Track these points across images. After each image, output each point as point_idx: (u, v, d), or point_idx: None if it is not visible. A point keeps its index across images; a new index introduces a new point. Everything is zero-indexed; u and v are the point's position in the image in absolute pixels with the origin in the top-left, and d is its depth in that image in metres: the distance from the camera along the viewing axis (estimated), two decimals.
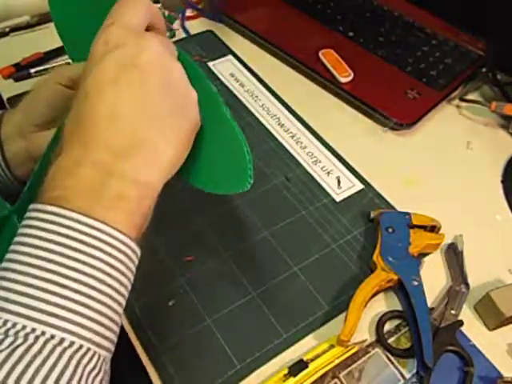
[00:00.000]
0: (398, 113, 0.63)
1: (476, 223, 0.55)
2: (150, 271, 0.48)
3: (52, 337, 0.26)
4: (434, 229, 0.52)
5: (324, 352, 0.43)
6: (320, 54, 0.70)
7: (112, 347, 0.29)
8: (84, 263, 0.28)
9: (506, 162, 0.61)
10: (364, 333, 0.46)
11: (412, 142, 0.63)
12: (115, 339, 0.30)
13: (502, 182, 0.59)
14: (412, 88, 0.67)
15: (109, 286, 0.28)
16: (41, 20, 0.74)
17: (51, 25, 0.75)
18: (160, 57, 0.33)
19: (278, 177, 0.58)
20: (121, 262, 0.29)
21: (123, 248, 0.29)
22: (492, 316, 0.46)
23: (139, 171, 0.31)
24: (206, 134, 0.37)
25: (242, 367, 0.43)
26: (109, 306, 0.28)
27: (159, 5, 0.79)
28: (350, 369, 0.43)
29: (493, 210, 0.56)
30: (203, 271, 0.49)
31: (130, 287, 0.31)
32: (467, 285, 0.48)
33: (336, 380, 0.43)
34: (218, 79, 0.69)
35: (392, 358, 0.44)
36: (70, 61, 0.70)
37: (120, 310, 0.30)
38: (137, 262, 0.32)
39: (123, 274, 0.30)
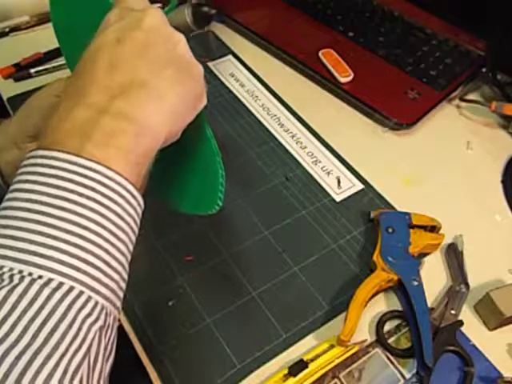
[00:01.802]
0: (398, 113, 0.63)
1: (476, 223, 0.55)
2: (150, 271, 0.48)
3: (39, 277, 0.24)
4: (434, 229, 0.52)
5: (324, 352, 0.43)
6: (320, 54, 0.70)
7: (115, 299, 0.28)
8: (74, 202, 0.26)
9: (506, 162, 0.62)
10: (364, 333, 0.46)
11: (412, 141, 0.63)
12: (118, 292, 0.28)
13: (502, 181, 0.59)
14: (412, 88, 0.67)
15: (102, 226, 0.27)
16: (41, 20, 0.74)
17: (51, 25, 0.75)
18: (164, 24, 0.33)
19: (278, 177, 0.58)
20: (115, 202, 0.28)
21: (117, 187, 0.28)
22: (492, 316, 0.46)
23: (136, 109, 0.29)
24: (183, 150, 0.37)
25: (242, 367, 0.43)
26: (105, 250, 0.27)
27: (159, 5, 0.79)
28: (349, 369, 0.43)
29: (493, 209, 0.56)
30: (203, 271, 0.49)
31: (132, 236, 0.29)
32: (467, 285, 0.48)
33: (336, 380, 0.43)
34: (218, 79, 0.69)
35: (392, 358, 0.44)
36: None
37: (121, 258, 0.28)
38: (139, 209, 0.30)
39: (120, 216, 0.28)
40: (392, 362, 0.44)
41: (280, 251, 0.51)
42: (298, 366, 0.42)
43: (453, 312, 0.46)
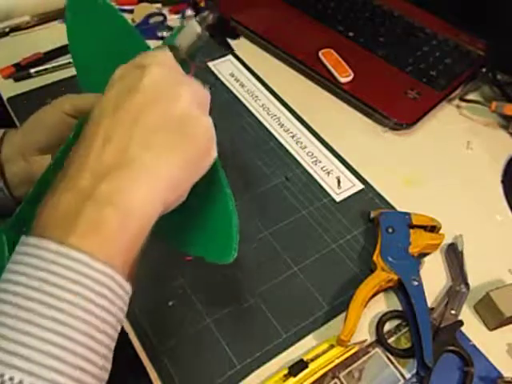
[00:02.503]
0: (398, 113, 0.63)
1: (476, 223, 0.55)
2: (150, 271, 0.48)
3: (20, 382, 0.23)
4: (434, 229, 0.52)
5: (324, 352, 0.43)
6: (320, 54, 0.70)
7: None
8: (59, 299, 0.25)
9: (505, 162, 0.62)
10: (364, 333, 0.46)
11: (412, 142, 0.63)
12: None
13: (502, 181, 0.59)
14: (412, 88, 0.67)
15: (88, 323, 0.26)
16: (41, 20, 0.74)
17: (51, 25, 0.75)
18: (167, 78, 0.32)
19: (278, 177, 0.58)
20: (102, 295, 0.26)
21: (103, 279, 0.26)
22: (492, 316, 0.46)
23: (122, 192, 0.28)
24: (196, 194, 0.36)
25: (242, 367, 0.43)
26: (90, 348, 0.26)
27: (159, 5, 0.79)
28: (350, 369, 0.43)
29: (493, 209, 0.56)
30: (203, 271, 0.49)
31: (118, 327, 0.28)
32: (467, 285, 0.48)
33: (336, 380, 0.43)
34: (218, 79, 0.69)
35: (392, 358, 0.44)
36: (70, 60, 0.70)
37: (107, 352, 0.27)
38: (126, 298, 0.29)
39: (108, 311, 0.27)
40: (392, 362, 0.44)
41: (280, 251, 0.51)
42: (298, 366, 0.42)
43: (453, 312, 0.46)
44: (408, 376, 0.43)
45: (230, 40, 0.48)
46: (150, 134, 0.30)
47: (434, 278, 0.49)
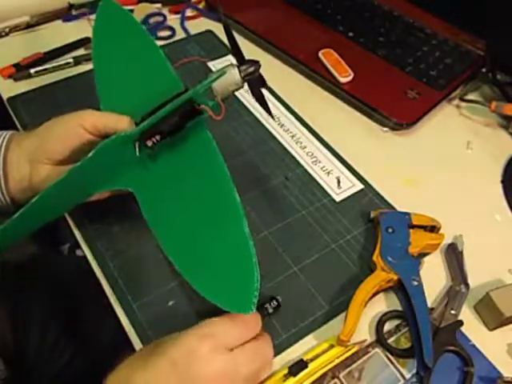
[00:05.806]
0: (398, 113, 0.63)
1: (476, 223, 0.55)
2: (150, 271, 0.48)
3: None
4: (433, 229, 0.52)
5: (324, 352, 0.43)
6: (320, 54, 0.70)
7: None
8: None
9: (505, 162, 0.62)
10: (364, 333, 0.46)
11: (412, 141, 0.63)
12: None
13: (502, 181, 0.59)
14: (412, 88, 0.67)
15: None
16: (41, 20, 0.74)
17: (51, 25, 0.75)
18: None
19: (277, 177, 0.57)
20: None
21: None
22: (492, 316, 0.46)
23: None
24: (218, 240, 0.38)
25: None
26: None
27: (159, 5, 0.79)
28: (349, 369, 0.43)
29: (493, 210, 0.56)
30: None
31: None
32: (467, 285, 0.48)
33: (336, 380, 0.43)
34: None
35: (392, 358, 0.44)
36: (70, 60, 0.70)
37: None
38: None
39: None
40: (392, 362, 0.44)
41: (280, 251, 0.51)
42: (298, 366, 0.42)
43: (453, 312, 0.46)
44: (408, 376, 0.43)
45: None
46: None
47: (433, 278, 0.49)
